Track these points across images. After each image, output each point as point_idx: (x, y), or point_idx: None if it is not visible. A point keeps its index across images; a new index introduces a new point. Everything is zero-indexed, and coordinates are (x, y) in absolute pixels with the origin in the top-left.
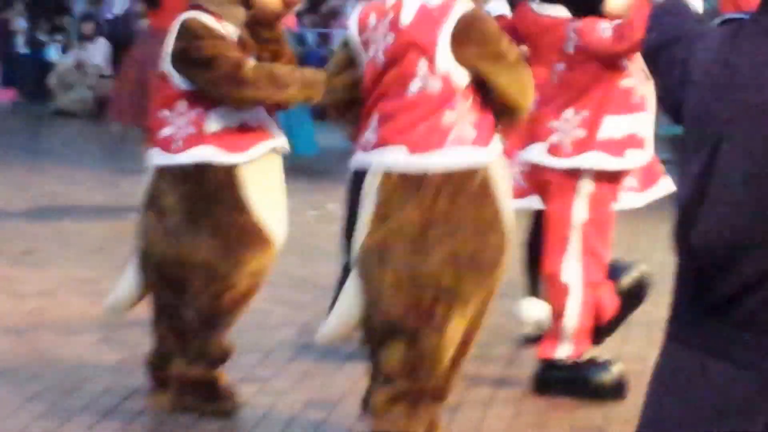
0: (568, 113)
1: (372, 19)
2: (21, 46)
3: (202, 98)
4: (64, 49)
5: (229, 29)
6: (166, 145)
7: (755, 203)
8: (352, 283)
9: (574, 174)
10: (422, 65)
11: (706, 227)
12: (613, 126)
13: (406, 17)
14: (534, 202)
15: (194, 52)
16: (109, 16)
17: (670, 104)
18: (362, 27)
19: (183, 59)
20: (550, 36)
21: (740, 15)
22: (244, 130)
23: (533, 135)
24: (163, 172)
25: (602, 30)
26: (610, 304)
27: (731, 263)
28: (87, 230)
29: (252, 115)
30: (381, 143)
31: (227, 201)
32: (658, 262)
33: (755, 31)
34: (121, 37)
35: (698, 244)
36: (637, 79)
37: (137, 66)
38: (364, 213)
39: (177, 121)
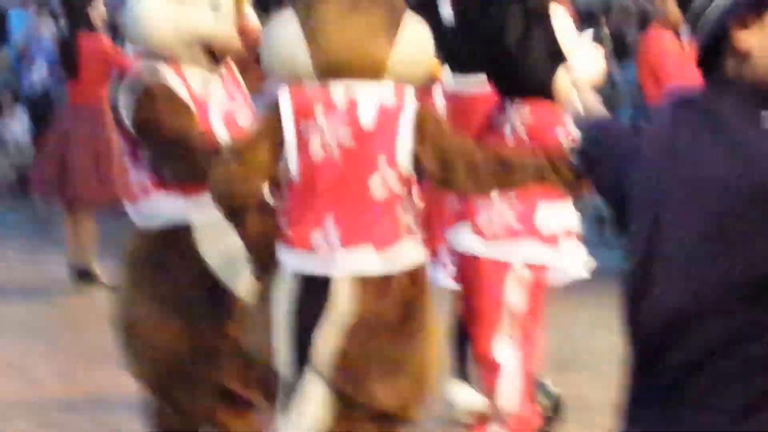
0: (499, 202)
1: (317, 109)
2: None
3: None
4: None
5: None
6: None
7: (696, 279)
8: (317, 391)
9: (504, 261)
10: (382, 162)
11: (652, 304)
12: (546, 214)
13: (365, 113)
14: (463, 283)
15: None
16: (28, 88)
17: (612, 193)
18: (301, 114)
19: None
20: (477, 115)
21: (684, 93)
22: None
23: (462, 216)
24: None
25: (557, 134)
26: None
27: (678, 340)
28: (11, 310)
29: None
30: (346, 244)
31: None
32: (596, 345)
33: (696, 109)
34: (41, 109)
35: (645, 322)
36: None
37: (59, 139)
38: (331, 320)
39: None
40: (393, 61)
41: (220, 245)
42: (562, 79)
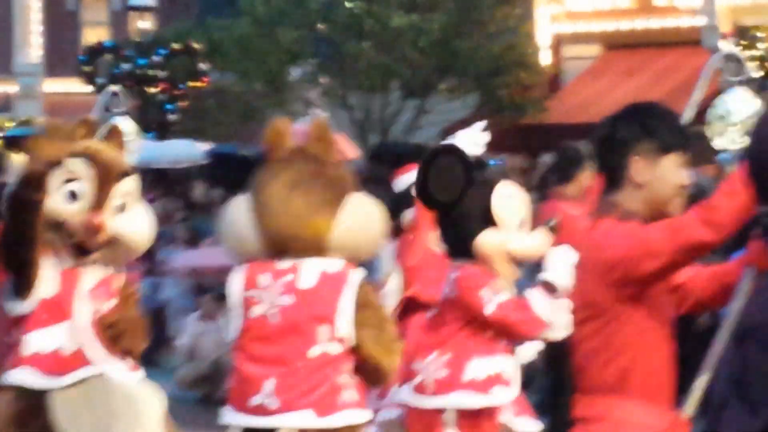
0: (432, 355)
1: (264, 279)
2: None
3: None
4: None
5: None
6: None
7: None
8: None
9: (438, 412)
10: (323, 330)
11: None
12: (477, 368)
13: (307, 281)
14: None
15: None
16: None
17: None
18: (249, 284)
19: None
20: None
21: None
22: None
23: (403, 376)
24: None
25: (484, 301)
26: None
27: None
28: None
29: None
30: (286, 407)
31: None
32: None
33: None
34: None
35: None
36: None
37: None
38: None
39: None
40: (335, 236)
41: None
42: (488, 242)
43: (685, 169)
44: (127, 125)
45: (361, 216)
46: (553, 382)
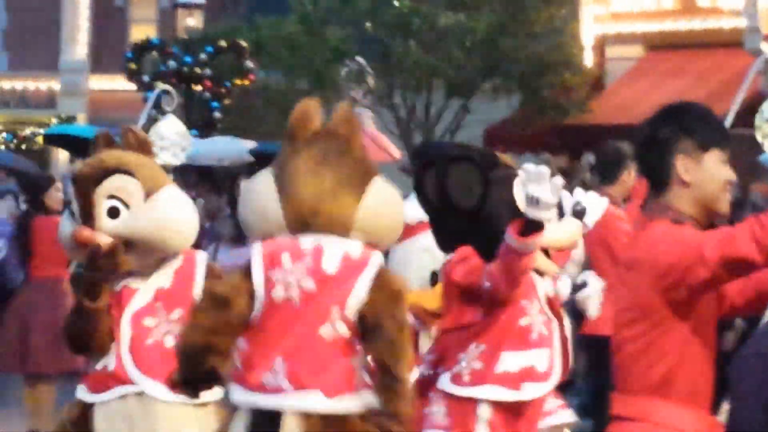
0: (471, 345)
1: (286, 259)
2: None
3: None
4: None
5: None
6: None
7: None
8: None
9: (473, 402)
10: (335, 311)
11: None
12: (509, 361)
13: (330, 265)
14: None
15: None
16: None
17: None
18: (270, 264)
19: None
20: None
21: None
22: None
23: (443, 364)
24: None
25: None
26: None
27: None
28: None
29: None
30: (295, 386)
31: None
32: None
33: None
34: (1, 285)
35: None
36: (535, 317)
37: (18, 313)
38: None
39: None
40: (359, 217)
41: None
42: None
43: (727, 165)
44: (175, 123)
45: (385, 199)
46: (596, 384)
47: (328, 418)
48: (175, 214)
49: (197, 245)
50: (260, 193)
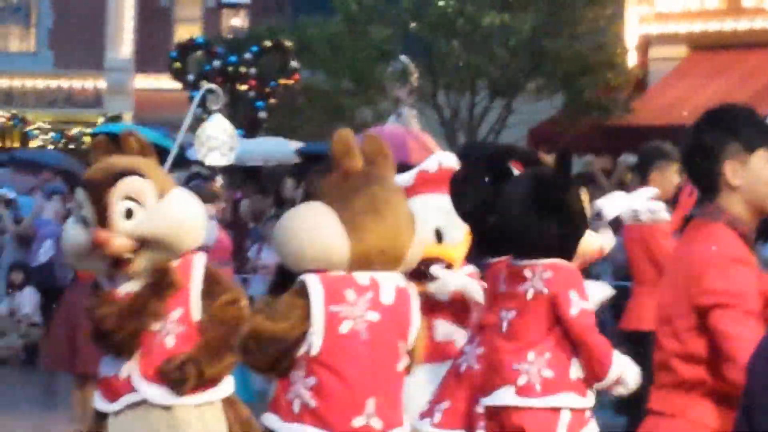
0: (531, 355)
1: (350, 294)
2: None
3: None
4: None
5: None
6: None
7: None
8: None
9: (553, 412)
10: (402, 345)
11: None
12: (577, 369)
13: (388, 297)
14: None
15: None
16: (36, 264)
17: None
18: (333, 299)
19: None
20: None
21: None
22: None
23: (495, 380)
24: None
25: (572, 304)
26: None
27: None
28: None
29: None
30: (388, 426)
31: None
32: None
33: None
34: (50, 285)
35: None
36: None
37: (68, 313)
38: None
39: None
40: (410, 254)
41: None
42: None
43: None
44: (223, 123)
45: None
46: None
47: None
48: (189, 213)
49: (241, 245)
50: (323, 228)
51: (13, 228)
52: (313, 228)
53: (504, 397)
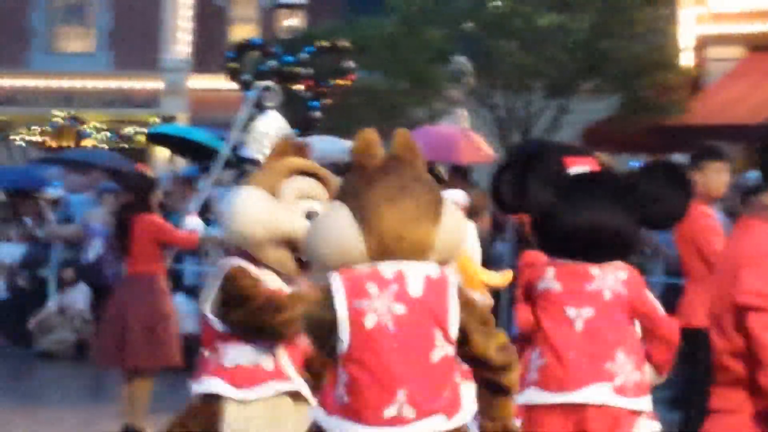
0: (620, 356)
1: (372, 288)
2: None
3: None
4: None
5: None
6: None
7: None
8: None
9: (634, 414)
10: (438, 334)
11: None
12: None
13: (415, 288)
14: None
15: (230, 292)
16: (86, 261)
17: None
18: (356, 294)
19: (222, 304)
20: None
21: None
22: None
23: (587, 377)
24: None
25: (655, 303)
26: None
27: None
28: None
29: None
30: (421, 415)
31: None
32: None
33: None
34: (99, 281)
35: None
36: None
37: (117, 310)
38: None
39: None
40: (437, 241)
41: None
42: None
43: None
44: (278, 121)
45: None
46: (688, 376)
47: None
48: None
49: None
50: (336, 226)
51: (56, 229)
52: (326, 227)
53: (602, 395)
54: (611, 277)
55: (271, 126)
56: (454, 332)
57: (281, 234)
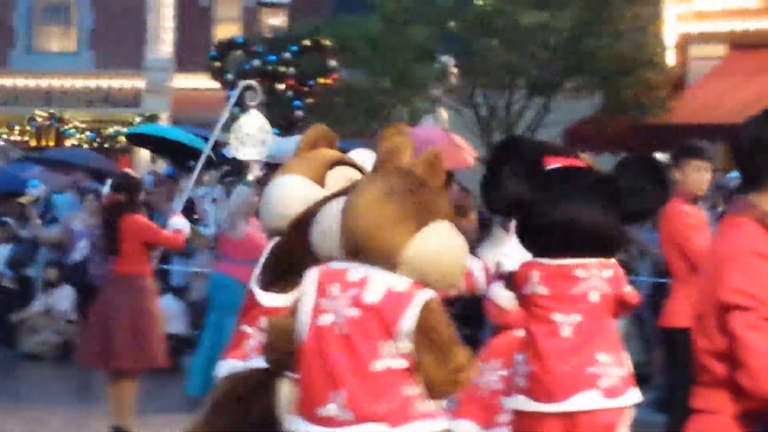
0: (605, 358)
1: (334, 289)
2: None
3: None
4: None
5: None
6: (243, 356)
7: None
8: None
9: (621, 411)
10: (385, 345)
11: None
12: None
13: (373, 295)
14: None
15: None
16: (71, 262)
17: None
18: (321, 292)
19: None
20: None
21: None
22: None
23: (573, 385)
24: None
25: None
26: None
27: None
28: None
29: None
30: (359, 419)
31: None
32: None
33: None
34: (84, 282)
35: None
36: None
37: (103, 310)
38: None
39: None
40: (407, 255)
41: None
42: None
43: None
44: (259, 120)
45: (438, 243)
46: (672, 379)
47: None
48: None
49: None
50: (330, 214)
51: (40, 231)
52: (323, 216)
53: (590, 401)
54: (596, 277)
55: (253, 126)
56: (403, 347)
57: None
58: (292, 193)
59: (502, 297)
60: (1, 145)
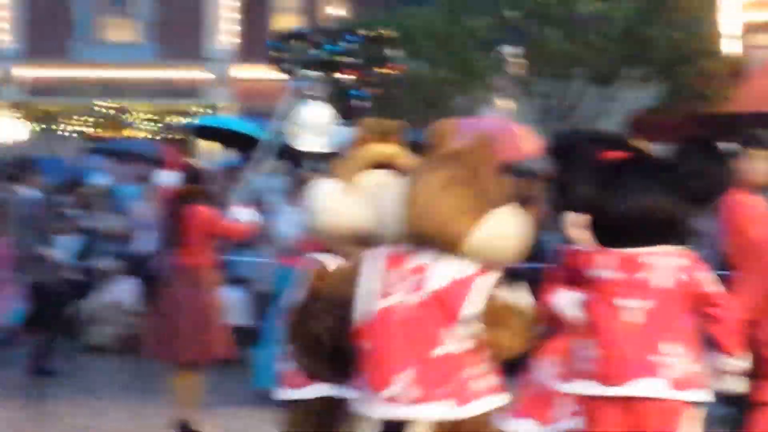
0: (674, 348)
1: (398, 274)
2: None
3: None
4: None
5: None
6: None
7: None
8: None
9: (687, 405)
10: (446, 332)
11: None
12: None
13: (436, 283)
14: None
15: None
16: (135, 254)
17: None
18: (385, 275)
19: None
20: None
21: None
22: None
23: (635, 371)
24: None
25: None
26: None
27: None
28: None
29: None
30: (425, 398)
31: None
32: None
33: None
34: (148, 274)
35: None
36: None
37: (168, 302)
38: None
39: None
40: (472, 242)
41: None
42: None
43: None
44: (320, 110)
45: (501, 228)
46: None
47: (459, 424)
48: None
49: None
50: (393, 200)
51: (106, 224)
52: (386, 201)
53: (655, 389)
54: (667, 265)
55: (315, 116)
56: (468, 331)
57: (351, 231)
58: (317, 204)
59: (566, 305)
60: None
